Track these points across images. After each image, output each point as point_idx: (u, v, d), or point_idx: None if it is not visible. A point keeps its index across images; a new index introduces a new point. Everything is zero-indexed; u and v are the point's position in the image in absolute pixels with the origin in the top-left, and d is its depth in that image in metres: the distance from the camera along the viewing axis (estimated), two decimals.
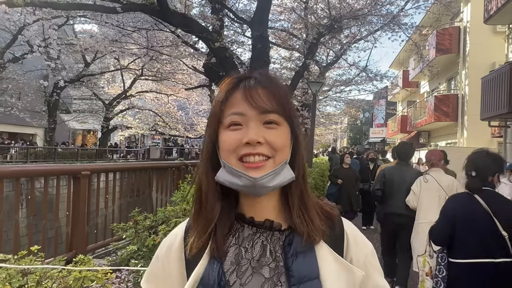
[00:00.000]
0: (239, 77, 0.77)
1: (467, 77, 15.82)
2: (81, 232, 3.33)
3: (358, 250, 0.81)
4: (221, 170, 0.74)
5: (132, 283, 3.36)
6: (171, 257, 0.80)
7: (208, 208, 0.75)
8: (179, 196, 4.09)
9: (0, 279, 1.86)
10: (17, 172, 2.88)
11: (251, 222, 0.77)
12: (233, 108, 0.74)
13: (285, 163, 0.74)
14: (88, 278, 2.17)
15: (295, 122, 0.77)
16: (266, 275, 0.73)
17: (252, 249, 0.75)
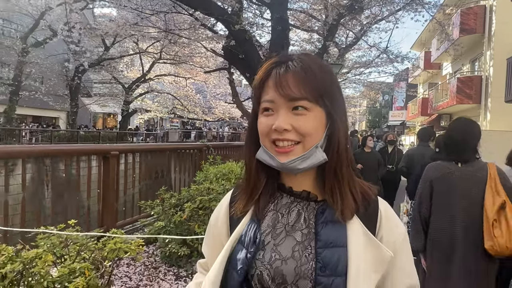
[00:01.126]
0: (274, 62, 0.80)
1: (492, 58, 15.33)
2: (111, 209, 3.50)
3: (390, 231, 0.83)
4: (260, 149, 0.81)
5: (159, 257, 3.54)
6: (219, 220, 0.91)
7: (254, 179, 0.84)
8: (202, 176, 4.23)
9: (44, 248, 2.02)
10: (56, 151, 3.02)
11: (289, 192, 0.84)
12: (266, 94, 0.79)
13: (315, 147, 0.77)
14: (123, 249, 2.31)
15: (332, 106, 0.78)
16: (298, 239, 0.79)
17: (288, 216, 0.82)
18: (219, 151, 6.00)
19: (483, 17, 15.97)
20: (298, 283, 0.75)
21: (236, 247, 0.82)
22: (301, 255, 0.78)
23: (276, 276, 0.77)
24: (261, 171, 0.83)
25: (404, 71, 22.12)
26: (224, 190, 3.51)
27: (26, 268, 1.91)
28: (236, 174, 4.04)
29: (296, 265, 0.77)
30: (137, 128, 32.37)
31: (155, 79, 25.72)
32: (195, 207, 3.20)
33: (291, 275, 0.76)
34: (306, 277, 0.76)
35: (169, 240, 3.14)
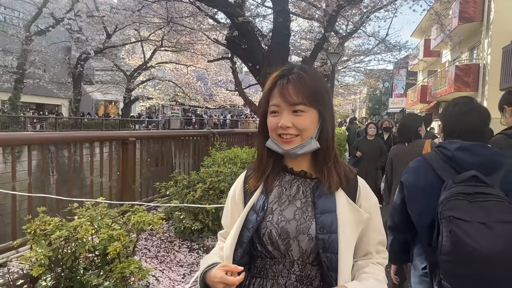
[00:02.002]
0: (278, 75, 1.08)
1: (489, 46, 15.53)
2: (130, 190, 3.87)
3: (367, 200, 1.12)
4: (269, 139, 1.08)
5: (173, 232, 3.92)
6: (237, 194, 1.18)
7: (264, 162, 1.12)
8: (210, 160, 4.58)
9: (87, 219, 2.38)
10: (80, 137, 3.38)
11: (291, 171, 1.13)
12: (273, 100, 1.06)
13: (310, 138, 1.05)
14: (147, 222, 2.67)
15: (322, 107, 1.06)
16: (298, 205, 1.07)
17: (290, 189, 1.10)
18: (223, 138, 6.36)
19: (482, 5, 16.11)
20: (298, 237, 1.03)
21: (249, 213, 1.08)
22: (300, 217, 1.05)
23: (282, 233, 1.04)
24: (270, 156, 1.11)
25: (404, 59, 22.30)
26: (231, 172, 3.87)
27: (70, 235, 2.28)
28: (242, 158, 4.40)
29: (297, 224, 1.04)
30: (139, 115, 32.62)
31: (157, 66, 25.86)
32: (206, 188, 3.57)
33: (293, 231, 1.03)
34: (304, 233, 1.03)
35: (183, 216, 3.52)
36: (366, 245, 1.11)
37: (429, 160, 1.76)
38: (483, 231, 1.44)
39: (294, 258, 1.04)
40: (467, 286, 1.49)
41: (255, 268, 1.09)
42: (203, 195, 3.61)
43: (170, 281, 3.00)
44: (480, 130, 1.75)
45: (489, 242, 1.42)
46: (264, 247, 1.05)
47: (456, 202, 1.53)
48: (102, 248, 2.33)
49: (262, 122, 1.11)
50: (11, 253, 2.79)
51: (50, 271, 2.35)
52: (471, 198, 1.52)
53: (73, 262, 2.40)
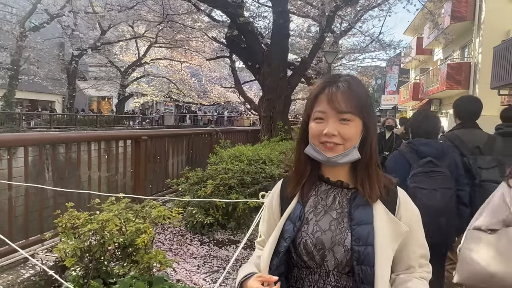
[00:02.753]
0: (326, 82, 1.06)
1: (481, 45, 15.88)
2: (142, 186, 4.05)
3: (407, 212, 1.07)
4: (309, 146, 1.06)
5: (184, 226, 4.11)
6: (274, 202, 1.18)
7: (302, 169, 1.10)
8: (217, 158, 4.77)
9: (113, 213, 2.56)
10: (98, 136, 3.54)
11: (328, 181, 1.09)
12: (319, 106, 1.03)
13: (353, 147, 1.02)
14: (166, 216, 2.86)
15: (367, 118, 1.04)
16: (333, 216, 1.05)
17: (326, 199, 1.08)
18: (226, 135, 6.55)
19: (473, 5, 16.44)
20: (334, 248, 1.01)
21: (286, 223, 1.07)
22: (336, 228, 1.02)
23: (317, 243, 1.02)
24: (307, 163, 1.09)
25: (397, 57, 22.62)
26: (240, 169, 4.07)
27: (100, 228, 2.46)
28: (247, 156, 4.59)
29: (332, 235, 1.02)
30: (133, 111, 32.57)
31: (151, 63, 25.86)
32: (217, 184, 3.77)
33: (329, 242, 1.01)
34: (339, 244, 1.00)
35: (196, 211, 3.71)
36: (407, 259, 1.08)
37: (402, 152, 2.71)
38: (433, 194, 2.40)
39: (330, 269, 1.02)
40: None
41: (292, 278, 1.08)
42: (214, 191, 3.80)
43: (186, 272, 3.19)
44: (434, 131, 2.73)
45: (437, 201, 2.38)
46: (300, 257, 1.05)
47: (418, 177, 2.46)
48: (129, 240, 2.51)
49: (303, 128, 1.09)
50: (37, 246, 2.95)
51: (80, 262, 2.53)
52: (427, 175, 2.46)
53: (101, 254, 2.58)
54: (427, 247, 1.12)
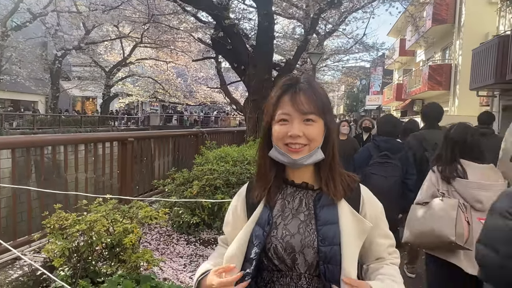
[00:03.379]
0: (286, 84, 1.06)
1: (461, 47, 16.29)
2: (129, 187, 4.10)
3: (371, 208, 1.11)
4: (273, 149, 1.05)
5: (171, 226, 4.18)
6: (238, 206, 1.17)
7: (266, 173, 1.09)
8: (203, 159, 4.85)
9: (101, 214, 2.62)
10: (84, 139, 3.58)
11: (293, 183, 1.10)
12: (282, 109, 1.03)
13: (317, 148, 1.03)
14: (153, 216, 2.93)
15: (328, 118, 1.05)
16: (301, 219, 1.05)
17: (293, 202, 1.08)
18: (212, 136, 6.63)
19: (454, 8, 16.85)
20: (303, 251, 1.01)
21: (255, 228, 1.06)
22: (305, 231, 1.03)
23: (287, 247, 1.02)
24: (272, 167, 1.09)
25: (380, 58, 23.00)
26: (225, 170, 4.16)
27: (88, 229, 2.52)
28: (233, 157, 4.68)
29: (301, 238, 1.02)
30: (117, 112, 32.26)
31: (136, 63, 25.68)
32: (203, 185, 3.85)
33: (298, 245, 1.02)
34: (309, 246, 1.01)
35: (182, 211, 3.79)
36: (376, 252, 1.12)
37: (368, 146, 3.62)
38: (383, 180, 3.20)
39: (301, 271, 1.03)
40: None
41: (262, 281, 1.07)
42: (199, 192, 3.88)
43: (173, 271, 3.27)
44: (392, 132, 3.55)
45: (386, 185, 3.18)
46: (271, 261, 1.04)
47: (374, 166, 3.28)
48: (117, 240, 2.57)
49: (266, 131, 1.08)
50: (25, 247, 2.99)
51: (68, 262, 2.58)
52: (381, 164, 3.27)
53: (89, 254, 2.64)
54: (393, 236, 1.17)
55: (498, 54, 9.80)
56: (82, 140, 3.55)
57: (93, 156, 3.65)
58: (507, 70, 9.31)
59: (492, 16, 14.08)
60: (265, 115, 1.09)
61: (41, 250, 2.71)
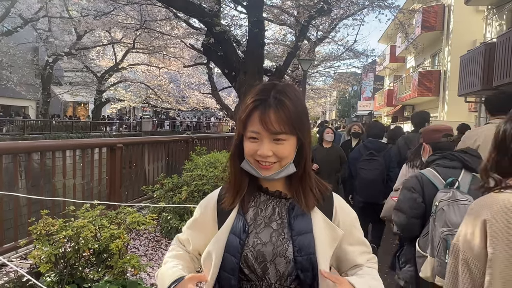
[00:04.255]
0: (257, 100, 1.00)
1: (449, 54, 16.56)
2: (118, 193, 4.10)
3: (343, 216, 1.11)
4: (245, 162, 1.04)
5: (159, 232, 4.19)
6: (208, 213, 1.13)
7: (239, 182, 1.08)
8: (192, 164, 4.87)
9: (88, 220, 2.64)
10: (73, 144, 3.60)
11: (266, 192, 1.09)
12: (252, 126, 1.00)
13: (289, 163, 1.02)
14: (141, 222, 2.95)
15: (302, 133, 1.02)
16: (274, 227, 1.04)
17: (265, 210, 1.07)
18: (202, 142, 6.65)
19: (442, 15, 17.15)
20: (275, 260, 1.00)
21: (229, 237, 1.03)
22: (277, 240, 1.02)
23: (258, 256, 1.00)
24: (245, 176, 1.07)
25: (371, 64, 23.26)
26: (214, 176, 4.19)
27: (75, 235, 2.53)
28: (222, 162, 4.71)
29: (273, 247, 1.01)
30: (108, 117, 32.10)
31: (128, 68, 25.65)
32: (191, 190, 3.87)
33: (270, 254, 1.00)
34: (281, 256, 1.00)
35: (170, 217, 3.81)
36: (351, 259, 1.12)
37: (359, 147, 4.74)
38: (369, 172, 4.24)
39: (272, 281, 1.01)
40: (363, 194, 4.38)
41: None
42: (188, 197, 3.91)
43: None
44: (379, 135, 4.61)
45: (370, 176, 4.23)
46: (240, 270, 1.02)
47: (363, 162, 4.32)
48: (104, 246, 2.59)
49: (238, 144, 1.06)
50: (11, 253, 2.98)
51: (54, 268, 2.59)
52: (368, 161, 4.27)
53: (75, 260, 2.65)
54: (368, 244, 1.17)
55: (485, 61, 9.99)
56: (71, 146, 3.56)
57: (81, 162, 3.66)
58: (494, 77, 9.50)
59: (479, 24, 14.34)
60: (237, 126, 1.07)
61: (27, 256, 2.72)
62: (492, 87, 9.66)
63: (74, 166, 3.44)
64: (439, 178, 2.13)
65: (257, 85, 1.07)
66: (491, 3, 12.29)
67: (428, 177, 2.18)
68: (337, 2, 9.99)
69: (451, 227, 1.86)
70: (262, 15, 7.79)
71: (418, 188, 2.18)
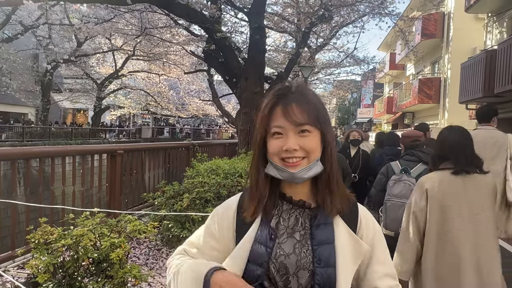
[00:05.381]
0: (278, 94, 0.98)
1: (449, 61, 16.59)
2: (118, 200, 4.03)
3: (368, 229, 1.03)
4: (269, 165, 0.98)
5: (160, 241, 4.10)
6: (225, 223, 1.04)
7: (261, 190, 0.99)
8: (194, 171, 4.80)
9: (88, 228, 2.56)
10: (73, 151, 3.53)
11: (289, 200, 1.01)
12: (275, 121, 0.95)
13: (316, 160, 0.96)
14: (142, 230, 2.87)
15: (325, 128, 0.97)
16: (297, 238, 0.97)
17: (288, 220, 1.00)
18: (203, 149, 6.59)
19: (442, 23, 17.21)
20: (298, 273, 0.93)
21: (254, 246, 0.96)
22: (301, 251, 0.95)
23: (280, 268, 0.94)
24: (267, 183, 1.00)
25: (371, 71, 23.31)
26: (216, 183, 4.12)
27: (74, 244, 2.45)
28: (224, 169, 4.64)
29: (297, 259, 0.94)
30: (107, 124, 32.05)
31: (128, 75, 25.66)
32: (193, 198, 3.79)
33: (293, 267, 0.94)
34: (304, 268, 0.93)
35: (172, 225, 3.72)
36: (371, 280, 1.01)
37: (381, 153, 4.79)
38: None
39: None
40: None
41: None
42: (190, 205, 3.83)
43: (162, 286, 3.19)
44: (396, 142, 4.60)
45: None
46: (260, 283, 0.95)
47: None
48: (104, 255, 2.51)
49: (259, 146, 1.00)
50: (8, 263, 2.90)
51: (53, 278, 2.50)
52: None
53: (74, 269, 2.56)
54: (392, 266, 1.06)
55: (486, 68, 9.98)
56: (71, 152, 3.49)
57: (81, 168, 3.59)
58: (495, 84, 9.47)
59: (479, 31, 14.39)
60: (258, 128, 1.00)
61: (25, 266, 2.63)
62: (493, 94, 9.65)
63: (74, 172, 3.37)
64: (398, 167, 3.23)
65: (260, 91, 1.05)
66: (491, 11, 12.33)
67: (392, 166, 3.29)
68: (338, 9, 10.02)
69: (391, 196, 3.06)
70: (263, 22, 7.78)
71: (385, 173, 3.35)
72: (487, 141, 3.58)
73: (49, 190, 3.33)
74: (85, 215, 2.92)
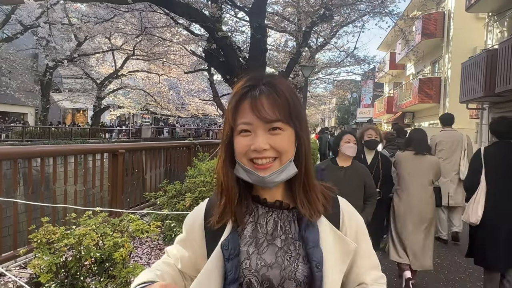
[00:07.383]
0: (246, 86, 0.86)
1: (450, 61, 16.57)
2: (120, 199, 4.01)
3: (351, 223, 0.94)
4: (237, 167, 0.86)
5: (162, 240, 4.09)
6: (195, 230, 0.95)
7: (229, 193, 0.87)
8: (195, 171, 4.78)
9: (90, 227, 2.54)
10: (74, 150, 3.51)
11: (264, 203, 0.90)
12: (242, 117, 0.84)
13: (289, 161, 0.85)
14: (144, 229, 2.85)
15: (299, 125, 0.86)
16: (278, 245, 0.87)
17: (266, 226, 0.89)
18: (204, 148, 6.57)
19: (442, 23, 17.20)
20: (284, 284, 0.84)
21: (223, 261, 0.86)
22: (283, 259, 0.85)
23: (264, 281, 0.84)
24: (236, 185, 0.88)
25: (371, 71, 23.31)
26: None
27: (77, 243, 2.43)
28: None
29: (281, 269, 0.84)
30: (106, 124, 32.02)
31: (128, 75, 25.64)
32: (196, 197, 3.78)
33: (277, 278, 0.84)
34: (290, 278, 0.84)
35: (174, 224, 3.71)
36: (358, 275, 0.96)
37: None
38: None
39: None
40: None
41: None
42: (192, 204, 3.81)
43: None
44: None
45: None
46: None
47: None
48: (107, 255, 2.49)
49: (227, 145, 0.88)
50: (10, 263, 2.88)
51: (55, 278, 2.49)
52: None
53: (77, 269, 2.55)
54: (376, 257, 1.00)
55: (486, 67, 9.96)
56: (72, 152, 3.48)
57: (83, 168, 3.57)
58: (496, 83, 9.46)
59: (480, 31, 14.36)
60: (224, 124, 0.89)
61: (27, 266, 2.62)
62: (494, 94, 9.63)
63: (76, 172, 3.35)
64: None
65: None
66: (492, 10, 12.31)
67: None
68: (338, 9, 10.00)
69: None
70: (264, 21, 7.76)
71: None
72: (449, 139, 5.39)
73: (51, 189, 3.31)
74: (88, 214, 2.90)
